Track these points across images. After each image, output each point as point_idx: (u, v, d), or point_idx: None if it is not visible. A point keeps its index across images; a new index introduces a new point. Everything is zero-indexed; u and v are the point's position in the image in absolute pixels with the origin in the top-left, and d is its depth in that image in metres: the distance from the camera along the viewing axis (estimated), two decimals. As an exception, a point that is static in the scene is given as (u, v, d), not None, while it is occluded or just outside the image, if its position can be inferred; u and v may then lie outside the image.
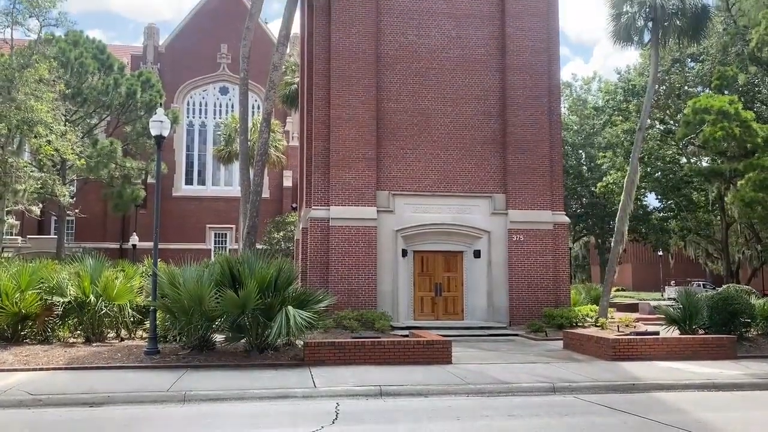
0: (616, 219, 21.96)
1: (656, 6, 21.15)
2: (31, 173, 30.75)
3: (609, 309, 21.03)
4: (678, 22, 21.80)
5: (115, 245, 46.40)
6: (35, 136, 27.78)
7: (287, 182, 48.61)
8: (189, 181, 50.66)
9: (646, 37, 22.79)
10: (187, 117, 51.04)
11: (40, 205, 39.02)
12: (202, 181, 50.94)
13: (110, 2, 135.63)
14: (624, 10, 22.03)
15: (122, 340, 14.48)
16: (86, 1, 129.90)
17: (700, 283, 48.34)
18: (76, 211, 41.51)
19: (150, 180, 44.28)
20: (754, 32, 31.59)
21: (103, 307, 13.88)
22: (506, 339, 17.56)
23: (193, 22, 51.94)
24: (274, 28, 50.60)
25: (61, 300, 13.75)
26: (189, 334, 12.46)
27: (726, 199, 36.87)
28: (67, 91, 35.15)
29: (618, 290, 50.64)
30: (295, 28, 25.21)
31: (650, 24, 22.00)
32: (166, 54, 50.98)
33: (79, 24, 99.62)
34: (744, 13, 33.77)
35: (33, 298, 13.41)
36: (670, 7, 21.31)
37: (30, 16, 28.59)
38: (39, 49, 28.44)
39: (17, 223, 42.67)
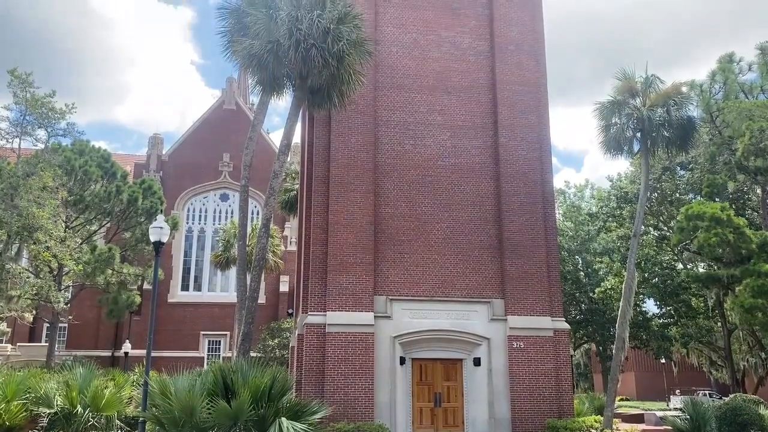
0: (617, 325, 21.71)
1: (643, 118, 21.97)
2: (27, 279, 30.63)
3: (614, 420, 20.30)
4: (666, 133, 22.56)
5: (107, 353, 45.40)
6: (34, 243, 27.92)
7: (284, 287, 48.35)
8: (185, 286, 50.38)
9: (636, 146, 23.51)
10: (187, 223, 51.55)
11: (33, 312, 38.51)
12: (198, 287, 50.65)
13: (117, 114, 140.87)
14: (613, 121, 22.85)
15: (108, 454, 13.85)
16: (93, 112, 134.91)
17: (706, 392, 47.01)
18: (70, 317, 40.93)
19: (146, 286, 44.02)
20: (740, 142, 32.68)
21: (90, 419, 13.38)
22: (509, 452, 16.80)
23: (196, 132, 53.67)
24: (275, 137, 52.33)
25: (47, 411, 13.29)
26: (178, 447, 11.91)
27: (725, 305, 36.62)
28: (69, 198, 35.70)
29: (622, 399, 49.14)
30: (296, 138, 26.06)
31: (639, 134, 22.76)
32: (169, 162, 52.27)
33: (86, 134, 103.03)
34: (728, 124, 35.07)
35: (18, 409, 12.99)
36: (657, 118, 22.13)
37: (39, 127, 29.52)
38: (45, 158, 29.16)
39: (9, 330, 41.94)
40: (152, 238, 13.61)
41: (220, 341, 48.15)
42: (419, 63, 22.00)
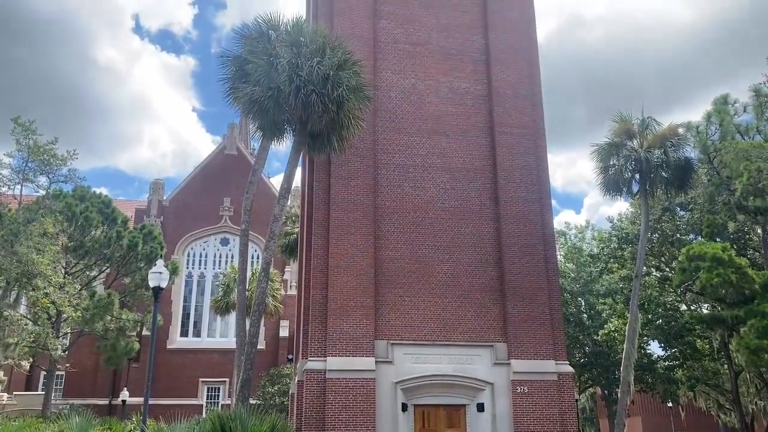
0: (621, 368, 21.41)
1: (641, 159, 22.19)
2: (24, 326, 30.35)
3: (622, 466, 19.84)
4: (664, 174, 22.76)
5: (104, 401, 44.69)
6: (33, 289, 27.77)
7: (284, 332, 47.90)
8: (184, 332, 49.92)
9: (635, 187, 23.67)
10: (187, 268, 51.41)
11: (31, 360, 38.05)
12: (197, 333, 50.19)
13: (118, 161, 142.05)
14: (611, 163, 23.07)
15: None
16: (95, 159, 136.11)
17: (715, 436, 46.00)
18: (67, 365, 40.42)
19: (145, 332, 43.62)
20: (738, 182, 32.78)
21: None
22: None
23: (198, 177, 54.04)
24: (276, 182, 52.62)
25: (42, 462, 13.00)
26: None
27: (731, 346, 36.16)
28: (69, 244, 35.67)
29: (630, 445, 48.00)
30: (296, 182, 26.21)
31: (637, 176, 22.95)
32: (170, 207, 52.45)
33: (88, 180, 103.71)
34: (726, 164, 35.24)
35: (12, 459, 12.69)
36: (655, 160, 22.35)
37: (41, 174, 29.69)
38: (46, 204, 29.26)
39: (5, 378, 41.37)
40: (151, 284, 13.55)
41: (219, 388, 47.43)
42: (417, 107, 22.28)
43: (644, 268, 29.14)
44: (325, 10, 22.62)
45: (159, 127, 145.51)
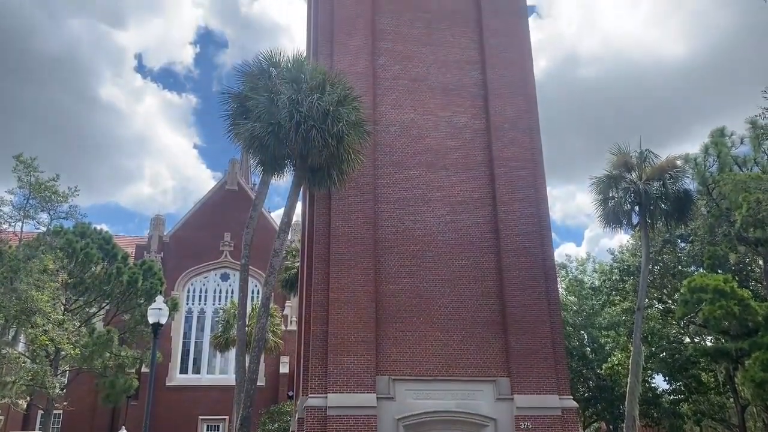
0: (626, 402, 21.14)
1: (640, 191, 22.26)
2: (22, 365, 30.05)
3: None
4: (663, 206, 22.81)
5: (101, 440, 43.94)
6: (32, 326, 27.58)
7: (284, 368, 47.37)
8: (184, 369, 49.40)
9: (635, 219, 23.69)
10: (187, 304, 51.15)
11: (28, 398, 37.57)
12: (197, 370, 49.67)
13: (119, 197, 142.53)
14: (610, 195, 23.15)
15: None
16: (96, 195, 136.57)
17: (724, 472, 45.14)
18: (65, 404, 39.88)
19: (144, 369, 43.15)
20: (738, 214, 32.83)
21: None
22: None
23: (198, 213, 54.14)
24: (276, 216, 52.72)
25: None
26: None
27: (736, 380, 35.75)
28: (69, 281, 35.54)
29: (637, 482, 47.08)
30: (296, 216, 26.26)
31: (637, 208, 22.99)
32: (170, 243, 52.42)
33: (88, 216, 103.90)
34: (725, 196, 35.34)
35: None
36: (654, 192, 22.44)
37: (42, 210, 29.76)
38: (47, 241, 29.25)
39: (2, 417, 40.79)
40: (150, 320, 13.49)
41: (219, 426, 46.72)
42: (417, 141, 22.45)
43: (646, 300, 28.95)
44: (325, 48, 22.97)
45: (160, 164, 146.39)
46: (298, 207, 25.27)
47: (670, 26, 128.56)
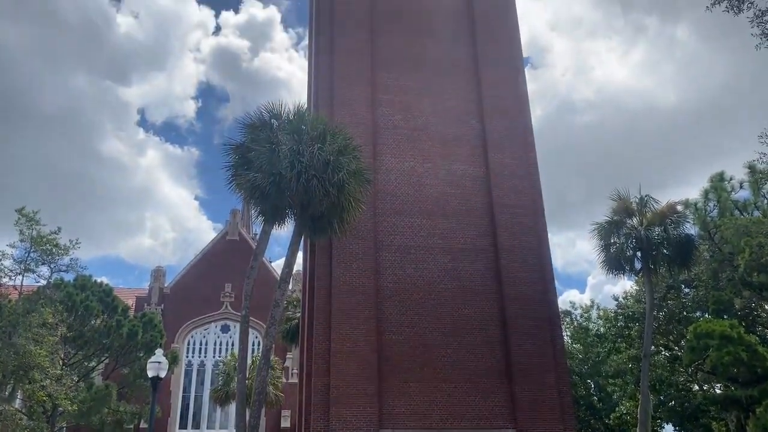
0: (636, 453, 20.61)
1: (642, 237, 22.23)
2: (19, 422, 29.43)
3: None
4: (665, 251, 22.75)
5: (97, 500, 42.62)
6: (29, 382, 27.13)
7: (285, 422, 46.33)
8: (183, 424, 48.40)
9: (637, 265, 23.58)
10: (187, 356, 50.51)
11: (23, 457, 36.68)
12: (196, 424, 48.66)
13: (120, 249, 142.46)
14: (611, 241, 23.11)
15: None
16: (96, 248, 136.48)
17: None
18: (61, 461, 38.93)
19: (143, 425, 42.29)
20: (741, 258, 32.72)
21: None
22: None
23: (199, 263, 54.00)
24: (277, 266, 52.56)
25: None
26: None
27: (747, 428, 34.93)
28: (68, 334, 35.17)
29: None
30: (297, 265, 26.15)
31: (639, 253, 22.91)
32: (171, 294, 52.13)
33: (89, 268, 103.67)
34: (727, 240, 35.31)
35: None
36: (656, 237, 22.41)
37: (42, 264, 29.68)
38: (47, 294, 29.07)
39: (-4, 476, 39.76)
40: (150, 374, 13.26)
41: (218, 484, 45.50)
42: (417, 189, 22.54)
43: (652, 347, 28.59)
44: (326, 100, 23.32)
45: (161, 216, 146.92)
46: (299, 256, 25.22)
47: (663, 74, 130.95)
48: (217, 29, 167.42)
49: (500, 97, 24.44)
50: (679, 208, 27.06)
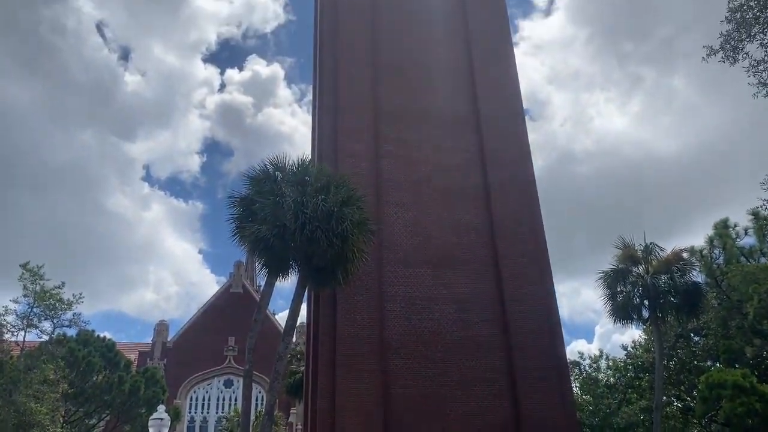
0: None
1: (648, 285, 22.05)
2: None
3: None
4: (673, 299, 22.52)
5: None
6: (29, 440, 26.61)
7: (290, 481, 45.19)
8: (185, 483, 47.24)
9: (645, 313, 23.31)
10: (189, 412, 49.65)
11: None
12: (198, 484, 47.47)
13: (123, 304, 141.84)
14: (618, 289, 22.90)
15: None
16: (100, 302, 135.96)
17: None
18: None
19: (143, 484, 41.21)
20: (749, 306, 32.34)
21: None
22: None
23: (202, 317, 53.68)
24: (281, 318, 52.15)
25: None
26: None
27: (766, 482, 33.81)
28: (69, 391, 34.68)
29: None
30: (302, 317, 25.93)
31: (646, 302, 22.68)
32: (174, 349, 51.64)
33: (92, 323, 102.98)
34: (735, 287, 34.96)
35: None
36: (662, 285, 22.22)
37: (45, 319, 29.55)
38: (49, 350, 28.82)
39: None
40: (152, 431, 12.95)
41: None
42: (421, 240, 22.53)
43: (664, 398, 27.96)
44: (329, 153, 23.55)
45: (164, 270, 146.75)
46: (303, 308, 25.03)
47: (661, 123, 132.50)
48: (222, 86, 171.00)
49: (502, 149, 24.65)
50: (685, 255, 26.91)
